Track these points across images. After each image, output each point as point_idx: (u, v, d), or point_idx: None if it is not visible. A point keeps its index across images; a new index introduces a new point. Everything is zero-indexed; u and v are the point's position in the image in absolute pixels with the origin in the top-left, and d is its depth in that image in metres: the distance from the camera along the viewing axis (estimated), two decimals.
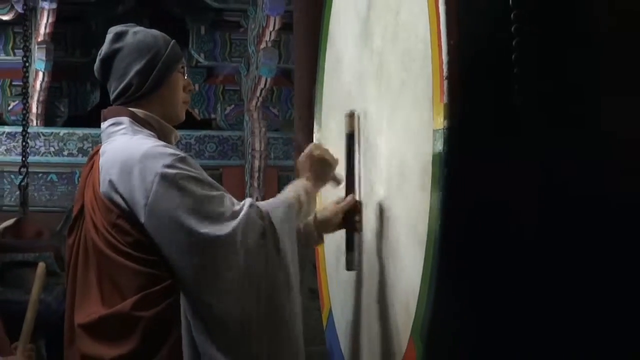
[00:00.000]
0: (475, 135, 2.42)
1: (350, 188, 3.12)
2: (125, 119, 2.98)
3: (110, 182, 2.87)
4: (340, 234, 3.11)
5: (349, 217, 3.08)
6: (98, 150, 3.00)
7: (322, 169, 3.09)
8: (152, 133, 2.97)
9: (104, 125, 3.02)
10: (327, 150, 3.12)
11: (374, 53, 2.97)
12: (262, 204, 2.91)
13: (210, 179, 2.88)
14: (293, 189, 3.02)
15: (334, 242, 3.24)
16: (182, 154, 2.90)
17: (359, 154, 3.09)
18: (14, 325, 4.48)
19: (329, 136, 3.39)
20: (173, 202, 2.79)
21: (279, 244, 2.85)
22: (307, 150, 3.12)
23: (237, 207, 2.83)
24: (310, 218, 3.09)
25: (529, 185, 2.40)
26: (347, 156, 3.11)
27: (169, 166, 2.82)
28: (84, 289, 2.92)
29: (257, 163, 12.41)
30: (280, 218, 2.88)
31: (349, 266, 3.05)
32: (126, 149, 2.90)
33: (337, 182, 3.12)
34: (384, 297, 2.84)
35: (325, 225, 3.10)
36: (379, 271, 2.87)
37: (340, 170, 3.12)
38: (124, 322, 2.83)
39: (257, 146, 12.40)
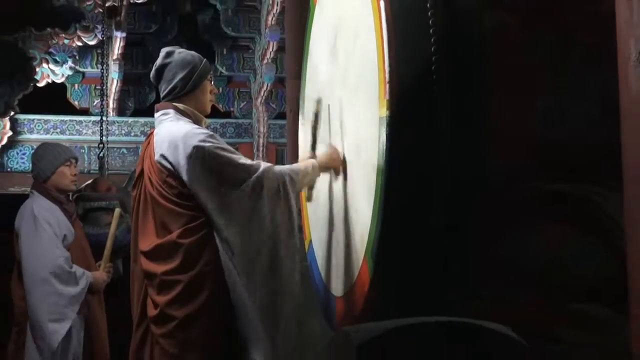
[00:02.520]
0: (406, 121, 2.46)
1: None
2: (171, 111, 2.98)
3: (162, 152, 2.87)
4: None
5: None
6: (152, 132, 3.00)
7: (332, 163, 2.93)
8: (189, 120, 2.97)
9: (156, 115, 3.01)
10: (340, 158, 2.92)
11: (340, 65, 2.96)
12: (280, 168, 2.88)
13: (230, 147, 2.89)
14: (304, 164, 2.94)
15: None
16: (211, 132, 2.91)
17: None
18: (92, 250, 4.52)
19: (308, 123, 3.38)
20: (205, 164, 2.80)
21: (289, 198, 2.83)
22: (332, 148, 2.95)
23: (252, 166, 2.81)
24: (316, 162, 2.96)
25: (440, 152, 2.44)
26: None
27: (202, 141, 2.83)
28: (144, 226, 2.92)
29: (261, 141, 12.35)
30: (291, 179, 2.85)
31: (309, 199, 3.06)
32: (173, 130, 2.90)
33: (337, 173, 2.96)
34: (347, 231, 2.85)
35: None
36: (344, 213, 2.88)
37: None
38: (170, 248, 2.83)
39: (261, 129, 12.35)
